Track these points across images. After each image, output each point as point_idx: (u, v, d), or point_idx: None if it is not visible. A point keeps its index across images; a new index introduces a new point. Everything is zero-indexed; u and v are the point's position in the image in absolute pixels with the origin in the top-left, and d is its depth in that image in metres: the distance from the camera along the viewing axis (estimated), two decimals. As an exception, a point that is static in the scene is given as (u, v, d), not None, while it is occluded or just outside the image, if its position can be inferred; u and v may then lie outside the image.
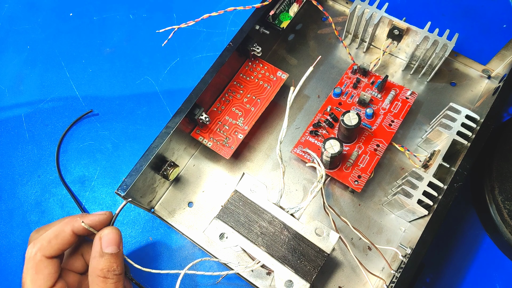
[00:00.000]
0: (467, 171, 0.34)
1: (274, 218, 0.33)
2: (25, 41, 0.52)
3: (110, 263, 0.30)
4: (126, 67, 0.50)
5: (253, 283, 0.37)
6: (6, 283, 0.40)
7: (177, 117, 0.36)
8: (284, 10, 0.44)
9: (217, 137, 0.40)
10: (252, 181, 0.34)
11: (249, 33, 0.40)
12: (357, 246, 0.38)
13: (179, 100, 0.37)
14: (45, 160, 0.45)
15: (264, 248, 0.32)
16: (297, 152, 0.40)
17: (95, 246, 0.30)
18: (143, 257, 0.40)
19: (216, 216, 0.33)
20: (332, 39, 0.48)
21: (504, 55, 0.42)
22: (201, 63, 0.49)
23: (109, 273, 0.30)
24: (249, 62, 0.43)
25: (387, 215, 0.39)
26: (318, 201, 0.40)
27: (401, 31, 0.42)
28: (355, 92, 0.42)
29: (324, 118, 0.41)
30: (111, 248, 0.30)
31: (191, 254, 0.40)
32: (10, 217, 0.43)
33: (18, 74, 0.50)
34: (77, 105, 0.48)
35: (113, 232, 0.31)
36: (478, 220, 0.41)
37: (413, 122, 0.43)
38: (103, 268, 0.30)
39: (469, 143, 0.36)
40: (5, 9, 0.54)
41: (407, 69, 0.45)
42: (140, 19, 0.53)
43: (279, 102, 0.44)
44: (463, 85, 0.44)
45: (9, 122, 0.47)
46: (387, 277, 0.36)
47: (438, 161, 0.36)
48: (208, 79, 0.38)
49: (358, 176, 0.39)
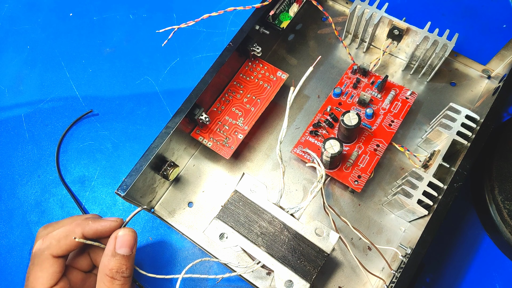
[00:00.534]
0: (467, 171, 0.34)
1: (274, 218, 0.33)
2: (25, 41, 0.52)
3: (120, 264, 0.30)
4: (126, 67, 0.50)
5: (253, 283, 0.37)
6: (6, 283, 0.40)
7: (177, 117, 0.36)
8: (284, 10, 0.44)
9: (217, 137, 0.40)
10: (252, 181, 0.34)
11: (249, 33, 0.40)
12: (357, 246, 0.38)
13: (179, 100, 0.37)
14: (45, 160, 0.45)
15: (264, 248, 0.32)
16: (297, 152, 0.40)
17: (109, 244, 0.31)
18: (143, 257, 0.40)
19: (216, 216, 0.33)
20: (332, 39, 0.48)
21: (504, 55, 0.42)
22: (201, 63, 0.49)
23: (118, 274, 0.30)
24: (249, 62, 0.43)
25: (387, 215, 0.39)
26: (318, 201, 0.40)
27: (401, 31, 0.42)
28: (355, 92, 0.42)
29: (324, 118, 0.41)
30: (124, 249, 0.30)
31: (191, 254, 0.40)
32: (10, 217, 0.43)
33: (18, 74, 0.50)
34: (77, 105, 0.48)
35: (129, 234, 0.31)
36: (478, 220, 0.41)
37: (413, 122, 0.43)
38: (113, 268, 0.30)
39: (469, 143, 0.36)
40: (5, 9, 0.54)
41: (407, 69, 0.45)
42: (140, 19, 0.53)
43: (279, 102, 0.44)
44: (463, 85, 0.44)
45: (9, 122, 0.47)
46: (387, 277, 0.36)
47: (438, 161, 0.36)
48: (208, 79, 0.38)
49: (358, 176, 0.39)
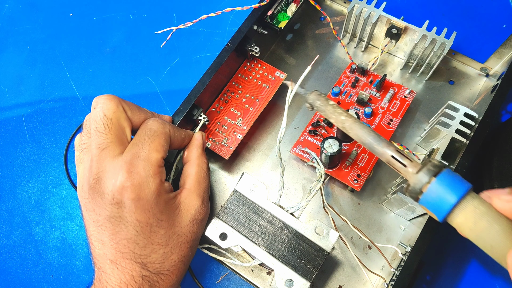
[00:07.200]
0: (465, 169, 0.34)
1: (274, 218, 0.33)
2: (25, 41, 0.52)
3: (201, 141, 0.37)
4: (126, 67, 0.50)
5: (253, 282, 0.37)
6: (6, 283, 0.40)
7: (176, 117, 0.37)
8: (282, 10, 0.44)
9: (216, 138, 0.40)
10: (252, 181, 0.34)
11: (247, 34, 0.40)
12: (357, 245, 0.39)
13: (179, 100, 0.37)
14: (45, 160, 0.45)
15: (264, 247, 0.32)
16: (296, 152, 0.40)
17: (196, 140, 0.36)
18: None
19: (216, 216, 0.33)
20: (330, 38, 0.48)
21: (502, 53, 0.42)
22: (201, 63, 0.50)
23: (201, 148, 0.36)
24: (248, 62, 0.43)
25: (387, 214, 0.40)
26: (318, 200, 0.40)
27: (399, 30, 0.42)
28: (353, 91, 0.42)
29: (323, 118, 0.41)
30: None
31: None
32: (10, 217, 0.43)
33: (18, 74, 0.50)
34: (77, 105, 0.48)
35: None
36: (477, 218, 0.41)
37: (411, 121, 0.43)
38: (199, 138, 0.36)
39: (468, 141, 0.36)
40: (5, 9, 0.54)
41: (406, 68, 0.45)
42: (140, 19, 0.53)
43: (278, 102, 0.44)
44: (461, 83, 0.44)
45: (9, 122, 0.47)
46: (387, 275, 0.36)
47: (437, 159, 0.36)
48: (207, 79, 0.38)
49: (357, 175, 0.39)
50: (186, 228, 0.31)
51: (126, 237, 0.28)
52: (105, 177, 0.29)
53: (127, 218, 0.28)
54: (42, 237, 0.42)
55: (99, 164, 0.29)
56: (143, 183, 0.29)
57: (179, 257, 0.31)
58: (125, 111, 0.31)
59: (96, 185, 0.29)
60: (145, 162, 0.29)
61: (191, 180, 0.33)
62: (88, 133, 0.30)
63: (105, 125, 0.30)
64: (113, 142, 0.30)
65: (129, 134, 0.31)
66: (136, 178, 0.29)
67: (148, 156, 0.30)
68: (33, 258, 0.41)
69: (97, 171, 0.29)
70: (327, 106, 0.30)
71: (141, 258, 0.29)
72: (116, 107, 0.31)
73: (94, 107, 0.31)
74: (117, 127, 0.30)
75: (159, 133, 0.31)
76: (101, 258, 0.29)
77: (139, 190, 0.29)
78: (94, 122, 0.30)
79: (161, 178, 0.30)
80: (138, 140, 0.31)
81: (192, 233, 0.32)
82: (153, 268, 0.29)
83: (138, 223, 0.29)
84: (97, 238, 0.29)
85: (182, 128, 0.36)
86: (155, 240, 0.29)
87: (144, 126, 0.32)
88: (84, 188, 0.30)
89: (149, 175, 0.29)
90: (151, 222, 0.29)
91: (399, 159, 0.27)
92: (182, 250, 0.31)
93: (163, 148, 0.31)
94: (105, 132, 0.30)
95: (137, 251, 0.29)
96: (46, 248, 0.41)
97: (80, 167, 0.31)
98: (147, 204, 0.29)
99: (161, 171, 0.31)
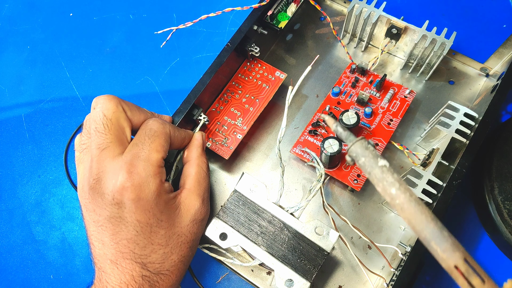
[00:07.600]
0: (466, 169, 0.34)
1: (274, 218, 0.33)
2: (25, 41, 0.52)
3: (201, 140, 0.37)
4: (126, 67, 0.50)
5: (253, 282, 0.37)
6: (6, 283, 0.40)
7: (176, 117, 0.37)
8: (282, 10, 0.44)
9: (216, 138, 0.40)
10: (252, 181, 0.34)
11: (247, 34, 0.40)
12: (357, 245, 0.39)
13: (179, 100, 0.37)
14: (45, 160, 0.45)
15: (264, 247, 0.32)
16: (296, 152, 0.40)
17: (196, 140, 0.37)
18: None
19: (216, 216, 0.33)
20: (330, 38, 0.48)
21: (502, 53, 0.42)
22: (201, 63, 0.50)
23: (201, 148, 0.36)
24: (248, 62, 0.43)
25: (387, 214, 0.40)
26: (318, 200, 0.40)
27: (399, 30, 0.42)
28: (353, 91, 0.42)
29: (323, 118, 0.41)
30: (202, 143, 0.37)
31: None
32: (10, 217, 0.43)
33: (18, 74, 0.50)
34: (77, 105, 0.48)
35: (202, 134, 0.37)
36: (477, 219, 0.41)
37: (411, 121, 0.43)
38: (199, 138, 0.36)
39: (468, 141, 0.36)
40: (5, 9, 0.54)
41: (406, 68, 0.45)
42: (140, 19, 0.53)
43: (278, 102, 0.44)
44: (461, 84, 0.44)
45: (9, 122, 0.47)
46: (387, 275, 0.36)
47: (437, 159, 0.36)
48: (207, 79, 0.38)
49: (357, 175, 0.39)
50: (186, 228, 0.31)
51: (126, 237, 0.29)
52: (105, 177, 0.29)
53: (127, 218, 0.29)
54: (42, 237, 0.42)
55: (99, 164, 0.29)
56: (143, 183, 0.29)
57: (179, 257, 0.31)
58: (125, 111, 0.31)
59: (96, 185, 0.29)
60: (145, 162, 0.29)
61: (191, 180, 0.33)
62: (88, 133, 0.30)
63: (105, 125, 0.30)
64: (113, 142, 0.30)
65: (129, 134, 0.31)
66: (136, 179, 0.29)
67: (148, 156, 0.30)
68: (33, 258, 0.41)
69: (97, 171, 0.29)
70: (374, 169, 0.21)
71: (141, 258, 0.29)
72: (115, 107, 0.31)
73: (93, 107, 0.31)
74: (117, 127, 0.30)
75: (159, 133, 0.31)
76: (101, 258, 0.29)
77: (139, 190, 0.29)
78: (94, 122, 0.30)
79: (161, 178, 0.30)
80: (138, 140, 0.31)
81: (192, 233, 0.32)
82: (153, 268, 0.29)
83: (138, 223, 0.29)
84: (98, 238, 0.29)
85: (182, 128, 0.36)
86: (155, 240, 0.29)
87: (144, 126, 0.32)
88: (84, 189, 0.30)
89: (149, 176, 0.29)
90: (151, 222, 0.29)
91: (466, 276, 0.19)
92: (182, 250, 0.31)
93: (163, 148, 0.31)
94: (105, 132, 0.30)
95: (137, 251, 0.29)
96: (46, 248, 0.41)
97: (80, 167, 0.31)
98: (147, 205, 0.29)
99: (161, 171, 0.31)
